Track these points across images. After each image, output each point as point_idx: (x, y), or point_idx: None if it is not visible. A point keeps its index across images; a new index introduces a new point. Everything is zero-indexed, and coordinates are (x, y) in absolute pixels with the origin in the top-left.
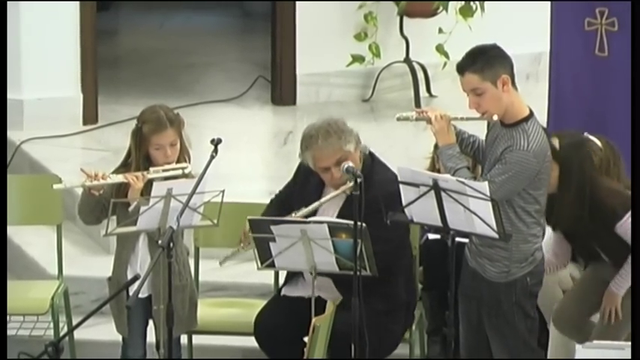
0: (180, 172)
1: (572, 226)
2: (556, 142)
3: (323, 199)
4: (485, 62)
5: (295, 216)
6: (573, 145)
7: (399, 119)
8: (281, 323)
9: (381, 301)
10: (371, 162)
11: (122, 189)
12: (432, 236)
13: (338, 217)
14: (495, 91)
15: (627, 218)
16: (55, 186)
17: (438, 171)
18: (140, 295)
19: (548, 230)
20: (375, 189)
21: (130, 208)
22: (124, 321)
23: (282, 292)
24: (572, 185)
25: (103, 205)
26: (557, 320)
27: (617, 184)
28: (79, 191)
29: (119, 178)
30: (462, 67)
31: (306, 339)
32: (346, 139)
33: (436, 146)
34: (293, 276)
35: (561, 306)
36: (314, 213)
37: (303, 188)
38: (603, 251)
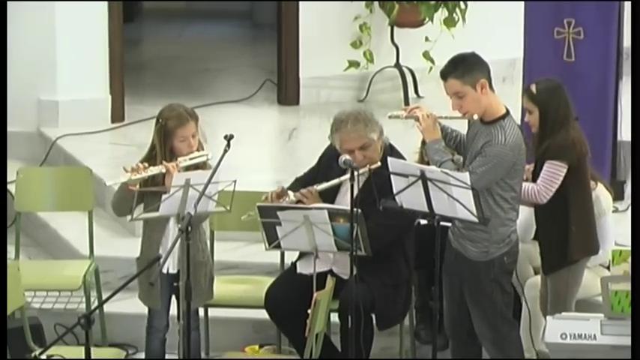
0: (205, 158)
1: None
2: (533, 88)
3: (342, 178)
4: (465, 69)
5: (316, 188)
6: (550, 89)
7: (390, 117)
8: (289, 296)
9: (389, 276)
10: (390, 152)
11: (149, 179)
12: (422, 221)
13: (357, 199)
14: (475, 94)
15: (556, 164)
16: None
17: (427, 164)
18: (171, 271)
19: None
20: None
21: (164, 196)
22: (153, 294)
23: (298, 270)
24: (549, 124)
25: (133, 197)
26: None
27: (579, 137)
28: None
29: (158, 168)
30: (444, 74)
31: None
32: (372, 127)
33: (423, 142)
34: (304, 254)
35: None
36: (330, 192)
37: (327, 172)
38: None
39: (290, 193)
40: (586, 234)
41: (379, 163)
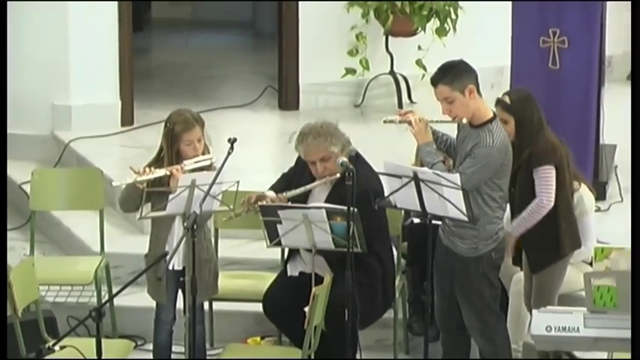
0: (209, 162)
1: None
2: (507, 99)
3: (308, 186)
4: (454, 75)
5: (285, 195)
6: (522, 99)
7: (385, 122)
8: (284, 297)
9: (364, 276)
10: (356, 161)
11: (157, 180)
12: (416, 220)
13: (326, 202)
14: (464, 99)
15: (546, 169)
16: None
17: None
18: (176, 268)
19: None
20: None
21: (170, 196)
22: (160, 289)
23: (288, 273)
24: (526, 132)
25: (142, 196)
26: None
27: (556, 141)
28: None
29: (162, 171)
30: (434, 80)
31: (306, 309)
32: (332, 141)
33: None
34: (291, 256)
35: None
36: (302, 196)
37: (299, 178)
38: (519, 192)
39: (268, 194)
40: (573, 229)
41: (338, 175)
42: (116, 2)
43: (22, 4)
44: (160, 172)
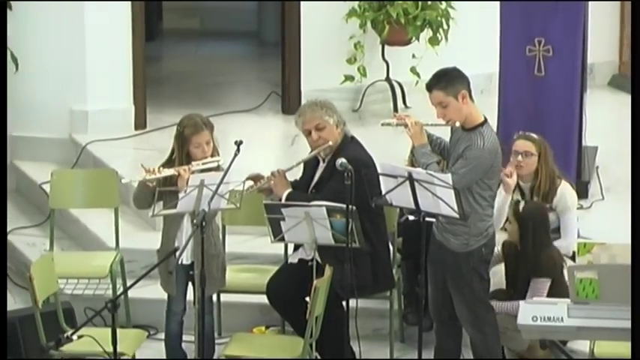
0: (216, 164)
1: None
2: (520, 206)
3: (305, 157)
4: (448, 81)
5: (283, 169)
6: (532, 210)
7: (382, 124)
8: (287, 287)
9: (343, 253)
10: (349, 142)
11: (168, 180)
12: (411, 217)
13: (318, 179)
14: (457, 104)
15: (542, 283)
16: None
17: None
18: (185, 262)
19: None
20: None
21: (180, 194)
22: (170, 282)
23: (289, 260)
24: (528, 239)
25: (153, 194)
26: None
27: (558, 253)
28: (134, 183)
29: (171, 171)
30: (429, 86)
31: (307, 299)
32: (327, 112)
33: (413, 149)
34: (296, 249)
35: None
36: (306, 183)
37: (304, 178)
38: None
39: (264, 175)
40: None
41: (330, 143)
42: (130, 14)
43: (42, 18)
44: (168, 172)
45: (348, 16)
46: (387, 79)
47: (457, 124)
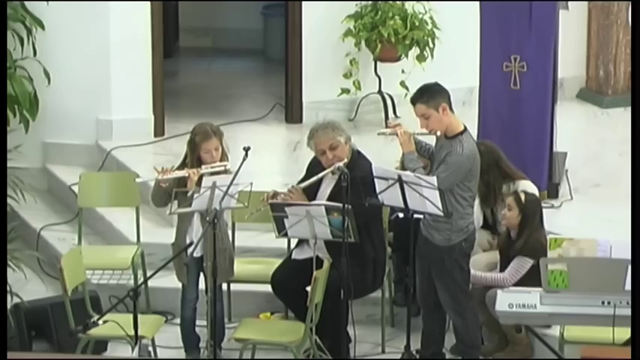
0: (223, 168)
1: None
2: (522, 196)
3: (320, 174)
4: (430, 95)
5: (300, 186)
6: (533, 201)
7: (378, 134)
8: (289, 278)
9: (355, 257)
10: (357, 156)
11: (182, 182)
12: (400, 215)
13: (331, 193)
14: (438, 115)
15: (525, 262)
16: (138, 180)
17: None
18: (195, 255)
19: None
20: (356, 173)
21: (189, 194)
22: (184, 273)
23: (293, 256)
24: (527, 227)
25: (169, 194)
26: None
27: (546, 239)
28: (152, 184)
29: (181, 172)
30: (413, 100)
31: (308, 288)
32: (337, 132)
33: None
34: (299, 243)
35: None
36: (313, 188)
37: (311, 175)
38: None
39: (280, 192)
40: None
41: (346, 160)
42: (150, 33)
43: (72, 37)
44: (179, 174)
45: (345, 36)
46: (380, 91)
47: (438, 133)
